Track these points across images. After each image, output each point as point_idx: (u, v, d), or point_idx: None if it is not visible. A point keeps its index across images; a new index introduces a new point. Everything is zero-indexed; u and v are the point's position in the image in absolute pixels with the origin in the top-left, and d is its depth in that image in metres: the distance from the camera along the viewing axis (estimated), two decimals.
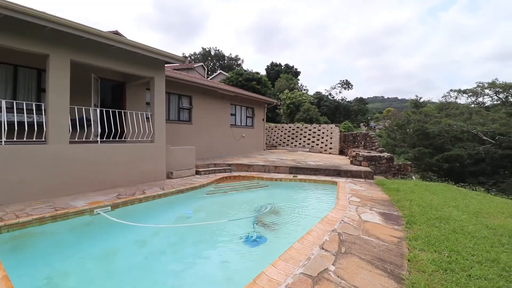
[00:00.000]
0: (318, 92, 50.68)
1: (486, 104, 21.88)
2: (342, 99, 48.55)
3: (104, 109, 6.72)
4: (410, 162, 12.76)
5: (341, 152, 15.57)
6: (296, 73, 53.45)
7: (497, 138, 16.34)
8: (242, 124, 14.67)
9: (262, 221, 4.82)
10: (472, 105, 21.58)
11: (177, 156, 8.08)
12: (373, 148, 12.11)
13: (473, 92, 21.19)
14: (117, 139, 7.21)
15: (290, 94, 31.97)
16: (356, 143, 14.80)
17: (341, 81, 49.73)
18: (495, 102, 21.18)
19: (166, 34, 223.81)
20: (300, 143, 17.65)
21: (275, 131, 19.14)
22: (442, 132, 18.29)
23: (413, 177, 11.61)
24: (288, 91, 33.56)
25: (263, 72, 49.44)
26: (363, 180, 7.96)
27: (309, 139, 17.33)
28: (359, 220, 4.19)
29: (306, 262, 2.70)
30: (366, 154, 9.71)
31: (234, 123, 13.92)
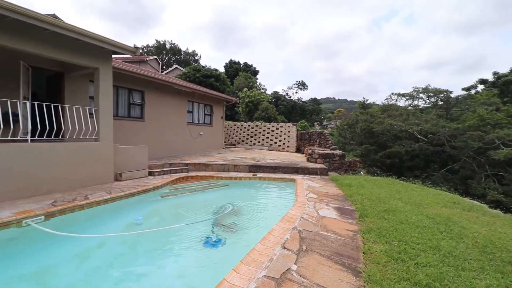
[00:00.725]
0: (276, 91, 51.96)
1: (420, 107, 24.93)
2: (298, 99, 50.56)
3: (36, 103, 5.75)
4: (358, 159, 13.84)
5: (298, 150, 16.14)
6: (255, 72, 53.96)
7: (429, 136, 18.70)
8: (200, 122, 14.19)
9: (222, 222, 4.65)
10: (409, 107, 24.39)
11: (127, 156, 7.38)
12: (327, 146, 12.80)
13: (410, 96, 23.96)
14: (53, 138, 6.26)
15: (249, 92, 32.08)
16: (312, 141, 15.49)
17: (297, 81, 51.88)
18: (427, 105, 24.25)
19: (115, 24, 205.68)
20: (259, 142, 17.80)
21: (234, 130, 18.99)
22: (385, 131, 20.24)
23: (361, 172, 12.60)
24: (247, 89, 33.64)
25: (221, 69, 48.76)
26: (319, 176, 8.31)
27: (267, 138, 17.58)
28: (317, 216, 4.30)
29: (268, 264, 2.63)
30: (321, 151, 10.18)
31: (191, 121, 13.37)
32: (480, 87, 26.02)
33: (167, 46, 63.02)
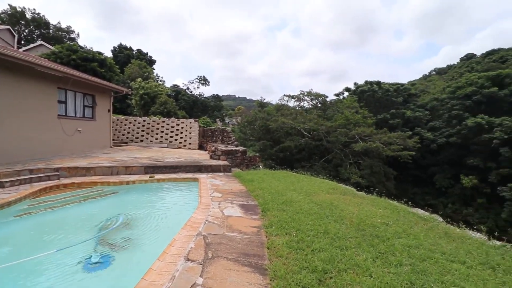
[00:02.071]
0: (176, 85, 49.23)
1: (305, 107, 29.22)
2: (200, 95, 49.62)
3: None
4: (257, 154, 14.80)
5: (201, 147, 15.74)
6: (151, 62, 49.16)
7: (311, 133, 22.08)
8: (78, 115, 11.55)
9: (110, 239, 3.82)
10: (297, 108, 28.20)
11: None
12: (230, 142, 13.03)
13: (298, 98, 27.75)
14: None
15: (144, 83, 28.78)
16: (215, 138, 15.43)
17: (199, 76, 50.60)
18: (310, 106, 28.68)
19: None
20: (157, 139, 16.24)
21: (126, 125, 16.56)
22: (279, 128, 22.56)
23: (260, 166, 13.50)
24: (141, 80, 30.07)
25: (108, 54, 41.72)
26: (223, 173, 8.28)
27: (167, 134, 16.28)
28: (222, 216, 4.16)
29: (170, 284, 2.26)
30: (224, 148, 10.21)
31: (64, 114, 10.66)
32: (346, 94, 32.95)
33: (28, 16, 48.44)
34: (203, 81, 51.20)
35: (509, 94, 23.07)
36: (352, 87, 33.09)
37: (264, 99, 29.63)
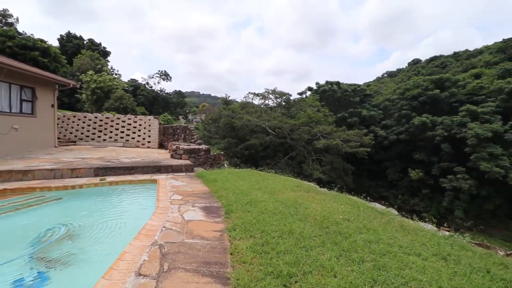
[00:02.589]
0: (134, 79, 46.11)
1: (270, 105, 29.51)
2: (161, 90, 47.26)
3: None
4: (222, 152, 14.48)
5: (161, 146, 14.88)
6: (105, 53, 45.33)
7: (276, 130, 22.36)
8: (14, 111, 10.04)
9: (48, 254, 3.28)
10: (262, 106, 28.36)
11: None
12: (193, 140, 12.50)
13: (263, 96, 27.92)
14: None
15: (96, 76, 26.36)
16: (176, 136, 14.70)
17: (159, 71, 48.02)
18: (275, 105, 29.05)
19: None
20: (111, 137, 14.94)
21: (74, 122, 14.92)
22: (244, 126, 22.42)
23: (225, 164, 13.22)
24: (93, 72, 27.49)
25: (54, 43, 37.37)
26: (184, 174, 7.85)
27: (122, 132, 15.06)
28: (182, 221, 3.85)
29: None
30: (186, 147, 9.72)
31: None
32: (308, 93, 34.06)
33: None
34: (165, 76, 48.85)
35: (449, 96, 25.99)
36: (314, 86, 34.36)
37: (229, 97, 29.28)
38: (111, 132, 15.04)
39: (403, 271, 2.62)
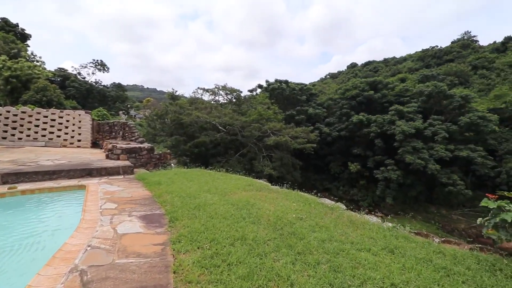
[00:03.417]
0: (63, 68, 40.10)
1: (221, 102, 28.83)
2: (97, 82, 42.18)
3: None
4: (169, 150, 13.47)
5: (95, 145, 13.08)
6: (24, 36, 38.18)
7: (227, 127, 21.91)
8: None
9: None
10: (212, 102, 27.49)
11: None
12: (133, 138, 11.24)
13: (213, 92, 27.05)
14: None
15: (11, 63, 21.90)
16: (114, 134, 13.08)
17: (94, 60, 42.66)
18: (225, 101, 28.48)
19: None
20: (29, 136, 12.51)
21: None
22: (193, 123, 21.40)
23: (172, 164, 12.32)
24: (7, 58, 22.78)
25: None
26: (122, 176, 6.90)
27: (45, 130, 12.75)
28: (114, 236, 3.22)
29: None
30: (125, 146, 8.63)
31: None
32: (259, 90, 34.38)
33: None
34: (101, 66, 43.74)
35: (381, 96, 29.12)
36: (264, 84, 34.86)
37: (176, 91, 27.58)
38: (29, 129, 12.59)
39: (357, 271, 2.57)
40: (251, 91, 34.19)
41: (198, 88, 29.62)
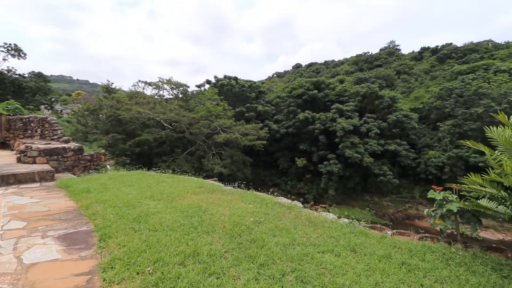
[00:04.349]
0: None
1: (165, 97, 26.83)
2: (10, 70, 34.97)
3: None
4: (103, 151, 11.77)
5: (4, 146, 10.61)
6: None
7: (173, 124, 20.48)
8: None
9: None
10: (156, 96, 25.35)
11: None
12: (55, 137, 9.38)
13: (156, 86, 24.91)
14: None
15: None
16: (30, 132, 10.78)
17: (6, 44, 35.15)
18: (171, 96, 26.61)
19: None
20: None
21: None
22: (133, 119, 19.37)
23: (108, 166, 10.81)
24: None
25: None
26: (38, 185, 5.58)
27: None
28: (18, 268, 2.38)
29: None
30: (43, 146, 7.08)
31: None
32: (207, 86, 33.21)
33: None
34: (15, 51, 36.39)
35: (324, 96, 31.11)
36: (213, 80, 33.85)
37: (112, 83, 24.56)
38: None
39: (325, 278, 2.36)
40: (199, 86, 32.80)
41: (140, 81, 27.01)
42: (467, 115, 24.73)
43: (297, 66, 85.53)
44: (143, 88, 25.66)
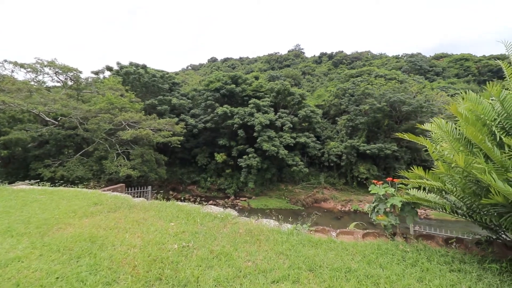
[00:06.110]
0: None
1: (47, 84, 20.92)
2: None
3: None
4: None
5: None
6: None
7: (59, 119, 16.17)
8: None
9: None
10: (32, 83, 19.38)
11: None
12: None
13: (33, 68, 18.95)
14: None
15: None
16: None
17: None
18: (56, 83, 20.93)
19: None
20: None
21: None
22: None
23: None
24: None
25: None
26: None
27: None
28: None
29: None
30: None
31: None
32: (108, 74, 28.04)
33: None
34: None
35: (241, 90, 31.19)
36: (116, 67, 28.89)
37: None
38: None
39: None
40: (96, 73, 27.23)
41: (5, 61, 20.00)
42: (357, 111, 29.59)
43: (213, 59, 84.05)
44: (12, 71, 19.21)
